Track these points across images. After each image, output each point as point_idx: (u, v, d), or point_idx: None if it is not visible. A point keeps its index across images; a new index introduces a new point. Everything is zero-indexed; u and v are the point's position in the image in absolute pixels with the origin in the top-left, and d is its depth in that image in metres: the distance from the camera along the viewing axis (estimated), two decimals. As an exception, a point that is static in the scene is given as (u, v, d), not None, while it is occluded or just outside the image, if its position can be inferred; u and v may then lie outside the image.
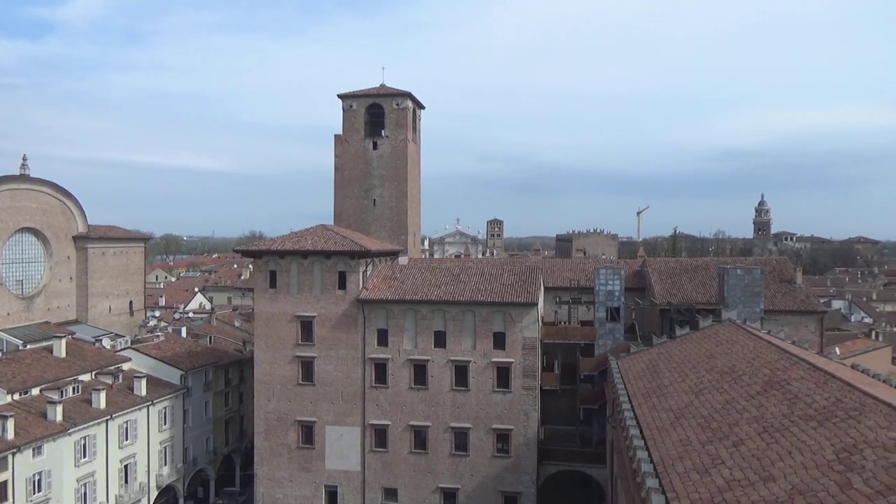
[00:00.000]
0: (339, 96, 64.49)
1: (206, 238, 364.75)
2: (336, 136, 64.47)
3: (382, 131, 63.90)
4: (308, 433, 49.78)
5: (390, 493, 49.00)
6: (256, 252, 51.90)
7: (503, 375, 47.68)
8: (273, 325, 49.97)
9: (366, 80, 70.05)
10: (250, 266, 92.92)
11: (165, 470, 53.01)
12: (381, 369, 49.03)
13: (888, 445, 16.18)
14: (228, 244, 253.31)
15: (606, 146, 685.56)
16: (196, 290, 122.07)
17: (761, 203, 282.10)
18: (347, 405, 49.33)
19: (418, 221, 69.35)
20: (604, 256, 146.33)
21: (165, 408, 52.76)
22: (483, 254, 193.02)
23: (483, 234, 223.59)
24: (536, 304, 47.57)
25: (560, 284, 56.17)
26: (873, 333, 73.56)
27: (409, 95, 64.04)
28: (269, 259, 50.21)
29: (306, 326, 49.67)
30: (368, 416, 49.10)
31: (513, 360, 47.48)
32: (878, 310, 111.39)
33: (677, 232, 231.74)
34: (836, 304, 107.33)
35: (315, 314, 49.46)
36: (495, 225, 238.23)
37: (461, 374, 48.16)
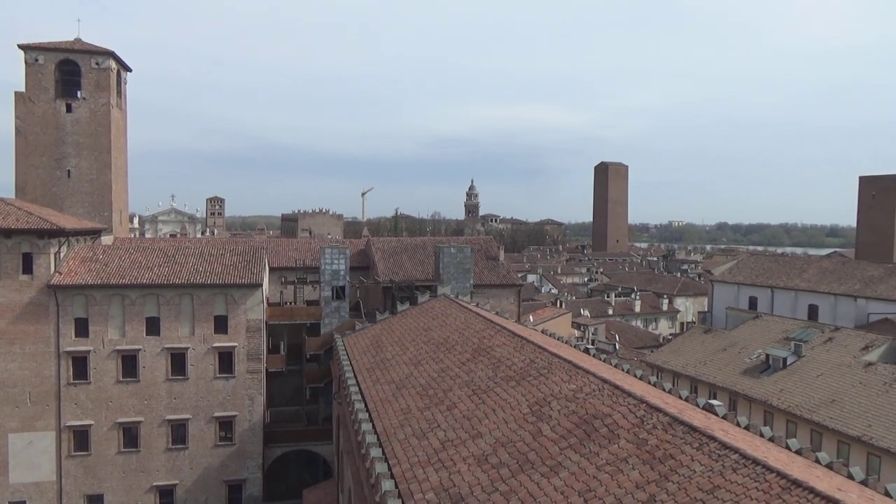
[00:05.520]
0: (21, 47, 54.62)
1: None
2: (17, 93, 54.54)
3: (79, 93, 55.72)
4: (-16, 445, 42.16)
5: (95, 499, 43.92)
6: None
7: (226, 360, 45.61)
8: (-69, 319, 41.06)
9: (60, 34, 60.21)
10: None
11: None
12: (80, 363, 43.42)
13: (569, 396, 19.08)
14: None
15: (332, 128, 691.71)
16: None
17: (471, 188, 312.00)
18: (37, 407, 42.83)
19: (125, 197, 62.30)
20: (329, 236, 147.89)
21: None
22: (202, 233, 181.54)
23: (202, 213, 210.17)
24: (261, 285, 46.25)
25: (286, 265, 55.26)
26: (558, 302, 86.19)
27: (111, 54, 56.82)
28: (-76, 239, 41.00)
29: (-21, 319, 41.78)
30: (65, 417, 43.23)
31: (236, 343, 45.66)
32: (561, 282, 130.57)
33: (399, 213, 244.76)
34: (531, 277, 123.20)
35: (-9, 304, 41.83)
36: (216, 203, 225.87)
37: (178, 362, 44.87)
